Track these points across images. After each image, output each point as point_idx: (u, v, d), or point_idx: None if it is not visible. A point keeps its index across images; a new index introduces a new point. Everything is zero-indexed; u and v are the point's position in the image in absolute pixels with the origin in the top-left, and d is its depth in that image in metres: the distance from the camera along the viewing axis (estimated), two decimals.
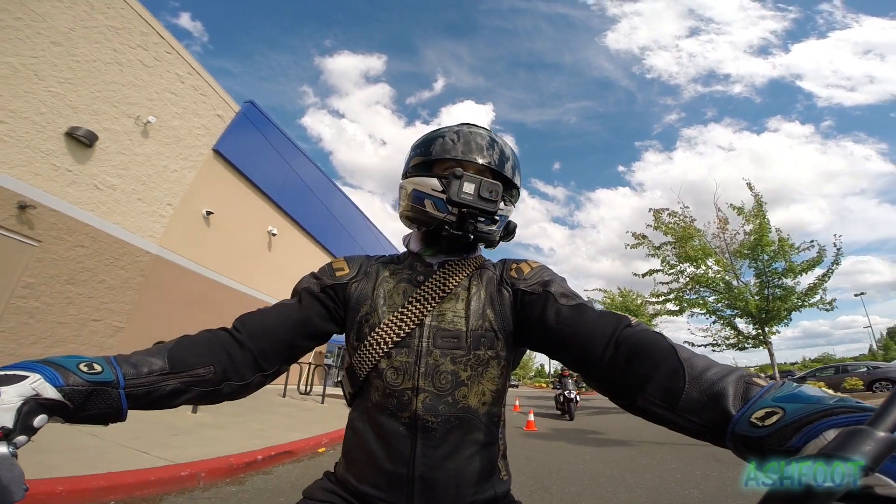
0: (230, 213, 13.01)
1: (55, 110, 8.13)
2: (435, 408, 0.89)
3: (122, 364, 0.74)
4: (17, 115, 7.58)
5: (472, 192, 0.91)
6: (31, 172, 7.87)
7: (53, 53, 7.97)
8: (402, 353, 0.93)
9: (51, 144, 8.14)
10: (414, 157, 1.09)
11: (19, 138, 7.64)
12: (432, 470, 0.87)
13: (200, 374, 0.82)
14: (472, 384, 0.92)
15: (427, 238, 1.10)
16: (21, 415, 0.57)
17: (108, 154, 9.20)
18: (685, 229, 14.57)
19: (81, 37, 8.37)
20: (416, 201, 1.02)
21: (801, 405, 0.48)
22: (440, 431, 0.89)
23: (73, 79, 8.34)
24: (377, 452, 0.90)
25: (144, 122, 9.82)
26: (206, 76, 11.41)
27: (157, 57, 10.00)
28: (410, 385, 0.91)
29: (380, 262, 1.10)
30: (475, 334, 0.94)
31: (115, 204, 9.51)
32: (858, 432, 0.34)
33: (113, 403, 0.70)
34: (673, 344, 0.73)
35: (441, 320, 0.96)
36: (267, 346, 0.93)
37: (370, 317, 0.98)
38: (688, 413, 0.64)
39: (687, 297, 15.29)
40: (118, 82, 9.19)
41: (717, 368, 0.65)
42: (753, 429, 0.51)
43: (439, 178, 0.99)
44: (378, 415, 0.92)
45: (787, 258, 13.38)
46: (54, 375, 0.63)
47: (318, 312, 1.01)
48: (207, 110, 11.62)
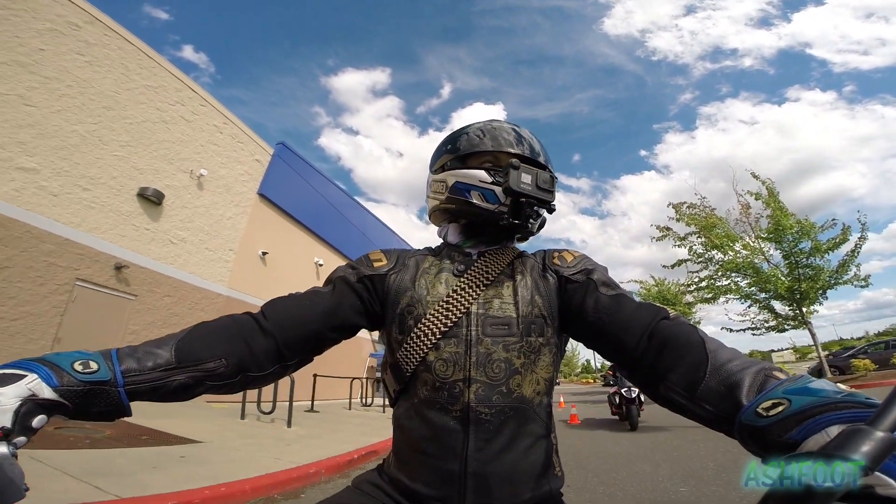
0: (281, 250, 13.47)
1: (124, 173, 8.58)
2: (489, 398, 0.84)
3: (125, 359, 0.70)
4: (96, 182, 8.04)
5: (531, 183, 0.92)
6: (119, 234, 8.35)
7: (109, 118, 8.45)
8: (451, 343, 0.89)
9: (128, 206, 8.60)
10: (446, 153, 1.07)
11: (102, 203, 8.11)
12: (485, 465, 0.83)
13: (210, 368, 0.77)
14: (525, 372, 0.88)
15: (467, 230, 1.06)
16: (19, 416, 0.55)
17: (175, 209, 9.67)
18: (706, 218, 14.55)
19: (127, 99, 8.86)
20: (460, 193, 0.99)
21: (806, 398, 0.48)
22: (494, 423, 0.84)
23: (131, 141, 8.80)
24: (427, 449, 0.86)
25: (198, 176, 10.29)
26: (240, 123, 11.89)
27: (195, 111, 10.47)
28: (462, 376, 0.86)
29: (418, 254, 1.06)
30: (526, 320, 0.91)
31: (188, 255, 10.03)
32: (858, 432, 0.33)
33: (112, 401, 0.66)
34: (703, 336, 0.73)
35: (488, 308, 0.92)
36: (293, 336, 0.87)
37: (413, 308, 0.93)
38: (704, 402, 0.65)
39: (719, 284, 15.17)
40: (168, 140, 9.65)
41: (739, 361, 0.65)
42: (758, 418, 0.52)
43: (488, 171, 0.97)
44: (427, 410, 0.87)
45: (814, 237, 13.23)
46: (49, 375, 0.60)
47: (351, 303, 0.96)
48: (246, 156, 12.08)
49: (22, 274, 6.87)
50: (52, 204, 7.36)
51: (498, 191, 0.94)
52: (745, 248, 14.39)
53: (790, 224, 13.21)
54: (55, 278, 7.33)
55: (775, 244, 13.79)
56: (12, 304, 6.71)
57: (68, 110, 7.70)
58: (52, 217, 7.35)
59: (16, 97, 6.94)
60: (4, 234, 6.66)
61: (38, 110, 7.22)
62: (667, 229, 15.72)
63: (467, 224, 1.06)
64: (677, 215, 15.10)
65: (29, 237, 6.98)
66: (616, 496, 4.24)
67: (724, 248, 14.18)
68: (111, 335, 8.23)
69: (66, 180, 7.58)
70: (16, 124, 6.91)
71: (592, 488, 4.53)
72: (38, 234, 7.11)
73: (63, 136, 7.57)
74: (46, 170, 7.31)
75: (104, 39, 8.36)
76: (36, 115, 7.20)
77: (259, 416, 8.59)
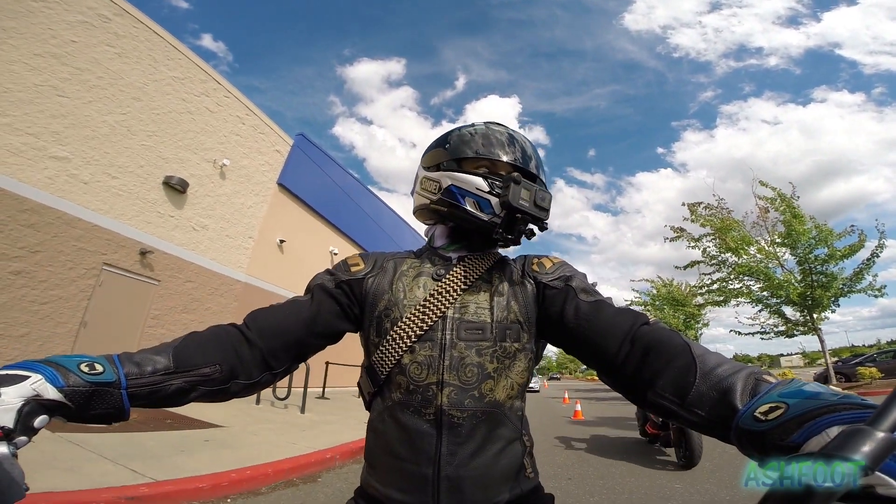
0: (298, 239, 13.73)
1: (151, 162, 8.82)
2: (461, 402, 0.86)
3: (126, 363, 0.72)
4: (124, 170, 8.29)
5: (529, 200, 0.90)
6: (145, 221, 8.63)
7: (137, 108, 8.66)
8: (426, 346, 0.89)
9: (154, 194, 8.86)
10: (441, 151, 1.05)
11: (129, 191, 8.37)
12: (458, 469, 0.83)
13: (206, 373, 0.79)
14: (498, 377, 0.89)
15: (454, 233, 1.07)
16: (21, 415, 0.56)
17: (198, 197, 9.92)
18: (723, 220, 14.32)
19: (155, 90, 9.05)
20: (454, 197, 0.98)
21: (804, 401, 0.49)
22: (466, 427, 0.85)
23: (157, 131, 9.02)
24: (401, 453, 0.86)
25: (221, 165, 10.50)
26: (262, 115, 12.06)
27: (219, 102, 10.66)
28: (435, 379, 0.87)
29: (396, 257, 1.06)
30: (501, 325, 0.92)
31: (210, 242, 10.31)
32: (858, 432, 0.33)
33: (115, 403, 0.68)
34: (687, 341, 0.74)
35: (464, 312, 0.93)
36: (276, 345, 0.89)
37: (390, 311, 0.94)
38: (696, 407, 0.65)
39: (731, 288, 14.97)
40: (193, 130, 9.86)
41: (728, 365, 0.66)
42: (757, 423, 0.52)
43: (485, 178, 0.96)
44: (400, 413, 0.88)
45: (830, 244, 12.94)
46: (55, 376, 0.62)
47: (330, 310, 0.97)
48: (268, 147, 12.29)
49: (52, 258, 7.15)
50: (82, 191, 7.62)
51: (494, 201, 0.94)
52: (759, 252, 14.27)
53: (805, 230, 12.98)
54: (83, 262, 7.61)
55: (790, 249, 13.66)
56: (43, 288, 6.99)
57: (99, 101, 7.93)
58: (81, 204, 7.61)
59: (50, 88, 7.17)
60: (37, 219, 6.93)
61: (70, 101, 7.45)
62: (681, 230, 15.61)
63: (454, 227, 1.06)
64: (692, 216, 14.97)
65: (60, 223, 7.25)
66: (613, 490, 4.42)
67: (739, 251, 14.06)
68: (135, 319, 8.55)
69: (95, 168, 7.84)
70: (50, 114, 7.15)
71: (591, 482, 4.72)
72: (68, 219, 7.38)
73: (94, 126, 7.81)
74: (77, 158, 7.56)
75: (133, 31, 8.55)
76: (69, 106, 7.43)
77: (273, 401, 8.89)
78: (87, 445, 3.96)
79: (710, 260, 15.00)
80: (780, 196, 13.61)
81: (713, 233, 14.45)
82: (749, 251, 14.11)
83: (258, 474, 3.95)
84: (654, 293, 21.91)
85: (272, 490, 3.90)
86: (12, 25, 6.73)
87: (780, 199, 13.59)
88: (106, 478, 3.26)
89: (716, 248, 14.73)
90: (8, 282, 6.57)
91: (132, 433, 4.77)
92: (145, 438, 4.62)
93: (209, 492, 3.47)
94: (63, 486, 3.00)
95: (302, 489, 4.05)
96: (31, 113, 6.93)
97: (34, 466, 3.24)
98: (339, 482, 4.39)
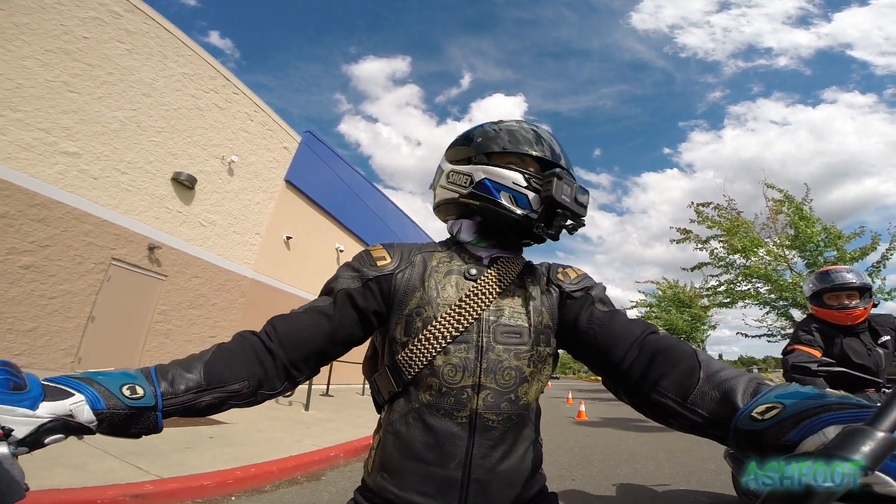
0: (304, 235, 13.79)
1: (160, 158, 8.88)
2: (497, 405, 0.85)
3: (161, 381, 0.72)
4: (134, 166, 8.35)
5: (570, 195, 0.91)
6: (153, 217, 8.69)
7: (147, 104, 8.71)
8: (461, 348, 0.88)
9: (162, 190, 8.91)
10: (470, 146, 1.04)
11: (139, 187, 8.43)
12: (489, 472, 0.83)
13: (235, 389, 0.80)
14: (532, 380, 0.90)
15: (483, 229, 1.04)
16: (40, 431, 0.56)
17: (206, 193, 9.97)
18: (732, 221, 14.07)
19: (164, 86, 9.10)
20: (487, 191, 0.96)
21: (800, 401, 0.49)
22: (499, 430, 0.85)
23: (167, 127, 9.07)
24: (426, 456, 0.84)
25: (229, 162, 10.55)
26: (270, 112, 12.10)
27: (228, 99, 10.70)
28: (471, 382, 0.86)
29: (424, 251, 1.03)
30: (537, 330, 0.92)
31: (217, 238, 10.37)
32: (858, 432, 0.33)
33: (150, 424, 0.69)
34: (694, 349, 0.75)
35: (500, 315, 0.92)
36: (297, 356, 0.88)
37: (422, 310, 0.91)
38: (697, 406, 0.66)
39: (738, 289, 14.70)
40: (202, 126, 9.91)
41: (731, 370, 0.68)
42: (754, 423, 0.53)
43: (522, 173, 0.95)
44: (429, 415, 0.86)
45: (840, 247, 12.65)
46: (96, 398, 0.62)
47: (353, 320, 0.93)
48: (276, 144, 12.33)
49: (61, 253, 7.22)
50: (92, 187, 7.69)
51: (532, 197, 0.93)
52: (768, 255, 14.13)
53: (814, 232, 12.89)
54: (92, 257, 7.68)
55: (798, 252, 13.53)
56: (52, 283, 7.06)
57: (109, 97, 7.98)
58: (91, 199, 7.68)
59: (61, 84, 7.22)
60: (47, 214, 7.00)
61: (80, 97, 7.51)
62: (687, 232, 15.49)
63: (483, 222, 1.03)
64: (699, 217, 14.84)
65: (69, 218, 7.32)
66: (618, 491, 4.41)
67: (748, 252, 13.93)
68: (143, 314, 8.63)
69: (105, 164, 7.90)
70: (60, 110, 7.21)
71: (596, 483, 4.70)
72: (78, 214, 7.45)
73: (104, 122, 7.87)
74: (88, 154, 7.62)
75: (143, 28, 8.60)
76: (79, 102, 7.49)
77: (278, 399, 8.93)
78: (93, 442, 3.99)
79: (717, 262, 14.87)
80: (788, 198, 13.46)
81: (722, 234, 14.31)
82: (758, 253, 13.97)
83: (262, 472, 3.97)
84: (660, 294, 21.77)
85: (276, 488, 3.92)
86: (25, 22, 6.79)
87: (787, 200, 13.45)
88: (111, 475, 3.28)
89: (724, 250, 14.59)
90: (18, 276, 6.64)
91: None
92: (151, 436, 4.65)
93: (213, 489, 3.48)
94: (69, 483, 3.02)
95: (306, 487, 4.07)
96: (43, 108, 6.99)
97: (39, 463, 3.26)
98: (343, 480, 4.40)
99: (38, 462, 3.30)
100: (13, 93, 6.62)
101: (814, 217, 13.23)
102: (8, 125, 6.58)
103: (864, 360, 2.58)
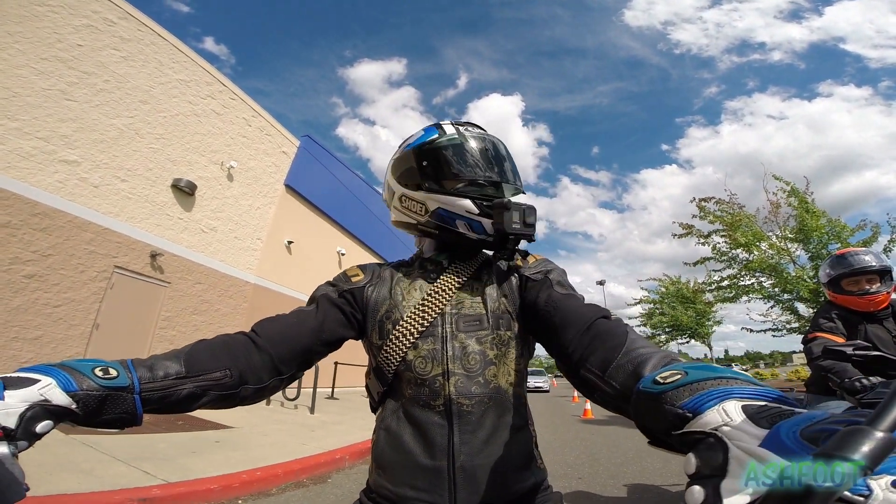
0: (305, 240, 13.77)
1: (159, 165, 8.88)
2: (468, 389, 0.90)
3: (138, 368, 0.73)
4: (133, 173, 8.36)
5: (519, 221, 0.94)
6: (154, 224, 8.69)
7: (144, 111, 8.71)
8: (428, 341, 0.95)
9: (162, 197, 8.92)
10: (412, 169, 1.08)
11: (139, 194, 8.43)
12: (472, 458, 0.87)
13: (217, 377, 0.81)
14: (499, 364, 0.94)
15: (441, 245, 1.12)
16: (24, 420, 0.56)
17: (206, 200, 9.97)
18: (734, 216, 14.02)
19: (161, 93, 9.09)
20: (445, 221, 1.02)
21: (702, 371, 0.51)
22: (475, 414, 0.89)
23: (165, 134, 9.07)
24: (414, 449, 0.89)
25: (228, 167, 10.56)
26: (268, 117, 12.11)
27: (225, 104, 10.70)
28: (440, 370, 0.92)
29: (391, 267, 1.13)
30: (495, 315, 0.98)
31: (219, 244, 10.37)
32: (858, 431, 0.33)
33: (127, 408, 0.69)
34: (629, 330, 0.77)
35: (460, 308, 0.99)
36: (285, 351, 0.92)
37: (392, 313, 0.99)
38: (612, 378, 0.67)
39: (742, 284, 14.61)
40: (200, 132, 9.90)
41: (651, 348, 0.69)
42: (655, 385, 0.53)
43: (473, 200, 0.99)
44: (412, 408, 0.92)
45: (844, 241, 12.54)
46: (68, 380, 0.62)
47: (335, 318, 1.01)
48: (274, 148, 12.33)
49: (64, 262, 7.21)
50: (92, 195, 7.68)
51: (486, 223, 0.98)
52: (771, 248, 14.07)
53: (819, 225, 12.84)
54: (95, 265, 7.67)
55: (801, 244, 13.47)
56: (56, 291, 7.05)
57: (106, 104, 7.98)
58: (92, 207, 7.67)
59: (58, 92, 7.22)
60: (49, 223, 6.99)
61: (78, 105, 7.51)
62: (689, 227, 15.42)
63: (442, 240, 1.10)
64: (701, 213, 14.78)
65: (71, 226, 7.32)
66: (624, 489, 4.38)
67: (751, 246, 13.87)
68: (146, 321, 8.62)
69: (105, 172, 7.89)
70: (58, 118, 7.20)
71: (603, 481, 4.68)
72: (79, 223, 7.44)
73: (102, 130, 7.86)
74: (87, 162, 7.61)
75: (138, 35, 8.59)
76: (76, 110, 7.48)
77: (283, 402, 8.92)
78: (101, 447, 3.98)
79: (720, 256, 14.81)
80: (794, 191, 13.41)
81: (724, 229, 14.24)
82: (761, 247, 13.90)
83: (268, 475, 3.95)
84: (663, 291, 21.63)
85: (282, 491, 3.90)
86: (18, 30, 6.79)
87: (793, 193, 13.39)
88: (119, 479, 3.27)
89: (726, 245, 14.53)
90: (22, 285, 6.63)
91: (144, 435, 4.79)
92: (157, 440, 4.64)
93: (220, 493, 3.46)
94: (77, 488, 3.01)
95: (312, 490, 4.05)
96: (40, 117, 6.99)
97: (47, 468, 3.25)
98: (348, 483, 4.38)
99: (46, 467, 3.30)
100: (10, 101, 6.61)
101: (819, 210, 13.20)
102: (6, 134, 6.57)
103: (890, 347, 2.36)
